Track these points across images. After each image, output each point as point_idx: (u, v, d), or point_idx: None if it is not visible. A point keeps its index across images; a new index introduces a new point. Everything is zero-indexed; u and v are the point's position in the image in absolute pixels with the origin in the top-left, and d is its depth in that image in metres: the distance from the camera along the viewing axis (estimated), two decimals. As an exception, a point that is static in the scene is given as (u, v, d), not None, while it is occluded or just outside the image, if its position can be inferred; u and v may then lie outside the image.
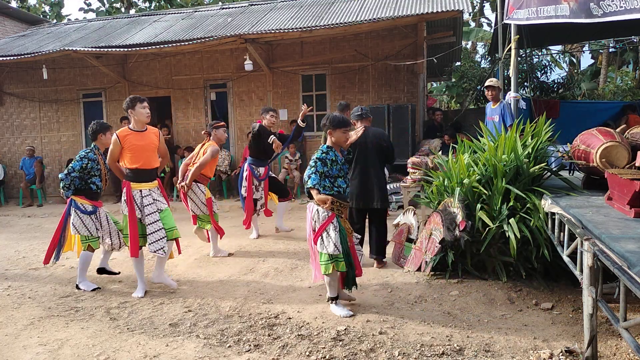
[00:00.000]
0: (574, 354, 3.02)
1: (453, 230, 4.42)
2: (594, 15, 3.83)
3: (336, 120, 3.87)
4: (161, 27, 11.67)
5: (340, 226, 3.79)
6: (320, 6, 11.12)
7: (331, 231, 3.72)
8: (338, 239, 3.71)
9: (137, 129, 4.46)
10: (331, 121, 3.87)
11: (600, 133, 3.80)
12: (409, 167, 6.57)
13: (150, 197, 4.44)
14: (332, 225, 3.74)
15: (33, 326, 3.82)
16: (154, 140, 4.54)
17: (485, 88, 6.55)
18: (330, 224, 3.74)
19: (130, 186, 4.40)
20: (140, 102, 4.40)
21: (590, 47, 17.07)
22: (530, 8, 5.01)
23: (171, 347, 3.35)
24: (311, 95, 10.83)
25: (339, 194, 3.83)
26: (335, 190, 3.82)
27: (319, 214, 3.79)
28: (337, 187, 3.83)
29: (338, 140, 3.90)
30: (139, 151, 4.40)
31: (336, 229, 3.73)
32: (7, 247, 6.85)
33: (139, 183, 4.42)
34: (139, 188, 4.42)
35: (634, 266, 2.13)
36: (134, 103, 4.38)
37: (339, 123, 3.87)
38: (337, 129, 3.87)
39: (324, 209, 3.74)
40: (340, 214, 3.87)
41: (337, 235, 3.71)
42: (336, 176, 3.84)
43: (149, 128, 4.55)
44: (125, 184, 4.42)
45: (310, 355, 3.15)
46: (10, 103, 12.34)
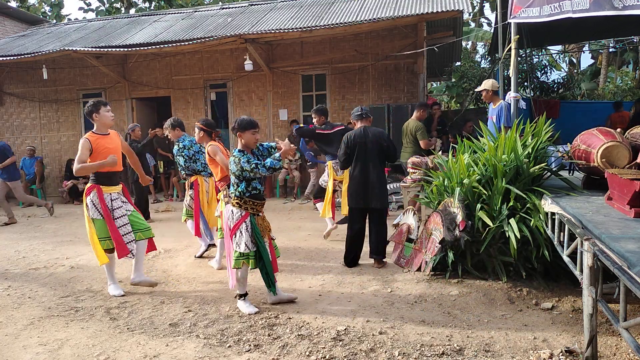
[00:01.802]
0: (574, 354, 3.02)
1: (453, 230, 4.42)
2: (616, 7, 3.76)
3: (244, 123, 3.98)
4: (161, 27, 11.68)
5: (254, 225, 3.94)
6: (320, 6, 11.13)
7: (243, 230, 3.91)
8: (249, 238, 3.90)
9: (102, 132, 4.48)
10: (239, 124, 3.98)
11: (601, 133, 3.80)
12: (409, 167, 6.57)
13: (119, 200, 4.50)
14: (245, 225, 3.92)
15: (33, 326, 3.82)
16: (119, 144, 4.61)
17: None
18: (243, 223, 3.92)
19: (102, 189, 4.41)
20: (104, 106, 4.45)
21: (590, 47, 17.07)
22: (545, 5, 4.90)
23: (171, 347, 3.35)
24: (311, 95, 10.83)
25: (254, 195, 3.98)
26: (251, 192, 3.96)
27: (233, 214, 3.96)
28: (252, 189, 3.97)
29: (248, 142, 4.01)
30: (108, 154, 4.40)
31: (248, 228, 3.91)
32: (7, 247, 6.85)
33: (108, 186, 4.46)
34: (109, 192, 4.46)
35: (634, 266, 2.13)
36: (98, 107, 4.42)
37: (247, 125, 3.98)
38: (245, 131, 3.98)
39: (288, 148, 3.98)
40: (257, 212, 4.02)
41: (248, 234, 3.90)
42: (251, 179, 3.96)
43: (111, 131, 4.58)
44: (94, 187, 4.39)
45: (310, 355, 3.15)
46: (10, 103, 12.34)
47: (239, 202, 3.96)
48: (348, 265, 5.07)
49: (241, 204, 3.96)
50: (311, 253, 5.70)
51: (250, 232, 3.92)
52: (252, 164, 3.82)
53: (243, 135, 3.99)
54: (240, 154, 3.91)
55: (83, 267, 5.57)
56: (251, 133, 3.99)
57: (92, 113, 4.42)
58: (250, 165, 3.83)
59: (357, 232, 5.07)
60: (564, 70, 18.92)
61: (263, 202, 4.10)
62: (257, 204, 4.02)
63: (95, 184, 4.40)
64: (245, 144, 4.01)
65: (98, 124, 4.44)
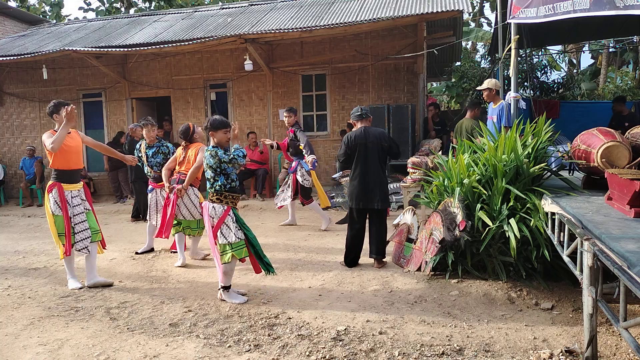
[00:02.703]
0: (574, 354, 3.02)
1: (453, 230, 4.42)
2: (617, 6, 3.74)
3: (216, 122, 4.14)
4: (161, 27, 11.67)
5: (237, 216, 4.12)
6: (320, 6, 11.12)
7: (230, 223, 4.05)
8: (237, 229, 4.05)
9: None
10: (212, 123, 4.13)
11: (601, 133, 3.80)
12: (409, 167, 6.57)
13: (78, 197, 4.65)
14: (230, 217, 4.07)
15: (33, 326, 3.82)
16: (79, 142, 4.75)
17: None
18: (228, 215, 4.07)
19: (62, 187, 4.55)
20: (64, 107, 4.59)
21: (590, 47, 17.07)
22: (543, 6, 4.89)
23: (171, 347, 3.35)
24: (311, 95, 10.83)
25: (232, 188, 4.13)
26: (231, 184, 4.12)
27: (215, 210, 4.08)
28: (232, 182, 4.12)
29: (220, 141, 4.14)
30: (70, 153, 4.57)
31: (234, 220, 4.07)
32: (7, 247, 6.85)
33: (68, 184, 4.59)
34: (70, 189, 4.59)
35: (634, 266, 2.13)
36: (58, 108, 4.61)
37: (220, 124, 4.13)
38: (218, 130, 4.13)
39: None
40: (234, 205, 4.18)
41: (235, 225, 4.05)
42: (229, 173, 4.11)
43: (72, 130, 4.71)
44: (55, 185, 4.55)
45: (310, 355, 3.15)
46: (10, 103, 12.34)
47: (219, 197, 4.09)
48: (348, 265, 5.07)
49: (222, 199, 4.09)
50: (311, 253, 5.70)
51: (236, 223, 4.07)
52: (230, 155, 4.00)
53: (215, 135, 4.14)
54: (217, 148, 4.07)
55: (83, 267, 5.56)
56: (223, 132, 4.14)
57: (52, 113, 4.63)
58: (228, 156, 4.00)
59: (357, 232, 5.07)
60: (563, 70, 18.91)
61: (239, 196, 4.29)
62: (235, 197, 4.18)
63: (57, 182, 4.56)
64: (217, 142, 4.15)
65: (58, 124, 4.61)
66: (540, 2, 4.90)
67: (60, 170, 4.57)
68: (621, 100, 8.97)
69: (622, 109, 8.75)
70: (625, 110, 8.76)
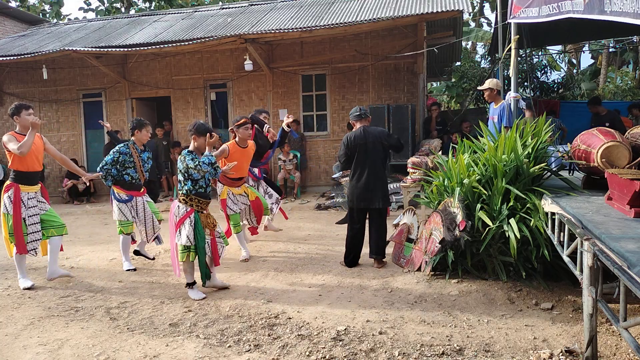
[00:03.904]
0: (574, 354, 3.02)
1: (453, 230, 4.42)
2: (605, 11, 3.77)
3: (202, 128, 4.32)
4: (161, 27, 11.67)
5: (197, 221, 4.24)
6: (320, 6, 11.12)
7: (187, 225, 4.21)
8: (191, 232, 4.19)
9: (23, 133, 4.67)
10: (197, 128, 4.32)
11: (601, 133, 3.80)
12: (409, 167, 6.57)
13: (35, 199, 4.75)
14: (189, 220, 4.23)
15: (33, 326, 3.82)
16: (41, 146, 4.82)
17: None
18: (188, 218, 4.23)
19: (19, 188, 4.63)
20: (25, 109, 4.71)
21: (590, 47, 17.07)
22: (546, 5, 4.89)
23: (171, 347, 3.35)
24: (311, 95, 10.83)
25: (199, 193, 4.30)
26: (197, 190, 4.28)
27: (179, 209, 4.29)
28: (199, 188, 4.29)
29: (200, 146, 4.34)
30: (30, 155, 4.62)
31: (191, 223, 4.22)
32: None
33: (26, 186, 4.68)
34: (27, 191, 4.68)
35: (634, 266, 2.13)
36: (19, 110, 4.70)
37: (204, 130, 4.32)
38: (201, 135, 4.31)
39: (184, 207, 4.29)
40: (201, 210, 4.34)
41: (191, 228, 4.20)
42: (198, 179, 4.27)
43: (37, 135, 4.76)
44: (12, 185, 4.62)
45: (310, 355, 3.15)
46: (10, 103, 12.24)
47: (185, 199, 4.28)
48: (348, 265, 5.07)
49: (187, 201, 4.27)
50: (311, 253, 5.70)
51: (193, 227, 4.21)
52: (195, 162, 4.17)
53: (197, 139, 4.32)
54: (188, 154, 4.22)
55: (83, 267, 5.58)
56: (204, 139, 4.31)
57: (13, 115, 4.71)
58: (194, 162, 4.14)
59: (357, 232, 5.07)
60: (563, 70, 18.91)
61: (208, 201, 4.41)
62: (202, 202, 4.33)
63: (15, 183, 4.64)
64: (197, 147, 4.32)
65: (19, 126, 4.72)
66: (543, 1, 4.89)
67: (19, 171, 4.65)
68: (595, 101, 8.91)
69: (599, 110, 8.70)
70: (603, 110, 8.70)
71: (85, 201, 11.15)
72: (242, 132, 5.44)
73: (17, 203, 4.61)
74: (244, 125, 5.43)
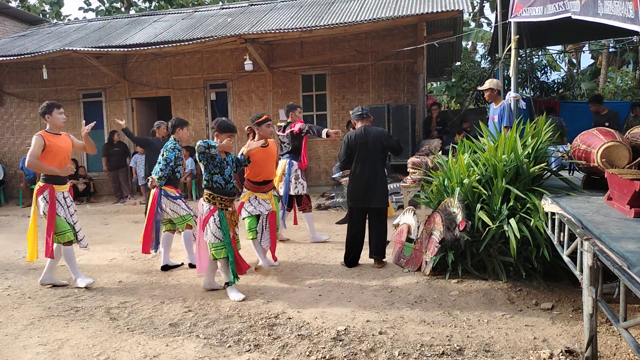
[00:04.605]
0: (574, 354, 3.02)
1: (453, 230, 4.42)
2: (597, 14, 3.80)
3: (223, 125, 4.29)
4: (161, 27, 11.68)
5: (222, 219, 4.21)
6: (320, 6, 11.13)
7: (211, 223, 4.20)
8: (217, 230, 4.18)
9: (55, 132, 4.69)
10: (219, 125, 4.29)
11: (601, 133, 3.80)
12: (409, 167, 6.57)
13: (69, 198, 4.76)
14: (213, 218, 4.21)
15: (33, 326, 3.82)
16: (69, 145, 4.82)
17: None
18: (212, 216, 4.21)
19: (54, 188, 4.61)
20: (57, 108, 4.69)
21: (590, 47, 17.07)
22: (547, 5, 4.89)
23: (171, 347, 3.35)
24: (311, 95, 10.83)
25: (216, 189, 4.24)
26: (213, 185, 4.24)
27: (203, 208, 4.28)
28: (214, 183, 4.24)
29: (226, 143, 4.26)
30: (59, 153, 4.63)
31: (215, 221, 4.19)
32: (7, 247, 6.85)
33: (59, 185, 4.67)
34: (60, 190, 4.67)
35: (634, 266, 2.13)
36: (51, 109, 4.67)
37: (225, 127, 4.28)
38: (223, 132, 4.27)
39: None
40: (225, 207, 4.28)
41: (215, 226, 4.19)
42: (213, 173, 4.23)
43: (63, 133, 4.80)
44: (47, 187, 4.59)
45: (310, 355, 3.15)
46: (10, 103, 12.34)
47: (208, 197, 4.26)
48: (348, 265, 5.06)
49: (209, 199, 4.25)
50: (311, 253, 5.70)
51: (218, 225, 4.20)
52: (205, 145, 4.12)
53: (220, 137, 4.28)
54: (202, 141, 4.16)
55: (83, 267, 5.57)
56: (227, 136, 4.26)
57: (45, 114, 4.66)
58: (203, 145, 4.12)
59: (357, 232, 5.07)
60: (563, 70, 18.91)
61: (231, 198, 4.34)
62: (224, 200, 4.27)
63: (48, 183, 4.61)
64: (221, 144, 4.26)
65: (50, 125, 4.68)
66: (545, 0, 4.89)
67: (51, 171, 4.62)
68: (597, 100, 8.78)
69: (599, 109, 8.58)
70: (603, 109, 8.58)
71: (85, 201, 11.16)
72: (264, 130, 4.87)
73: (53, 204, 4.56)
74: (265, 122, 4.91)
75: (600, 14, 3.67)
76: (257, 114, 5.04)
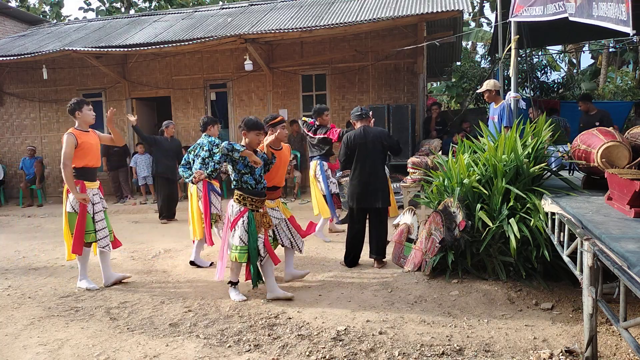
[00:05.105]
0: (574, 354, 3.02)
1: (453, 230, 4.42)
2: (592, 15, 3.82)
3: (249, 123, 4.16)
4: (161, 27, 11.67)
5: (251, 221, 4.08)
6: (320, 6, 11.12)
7: (240, 225, 4.08)
8: (244, 234, 4.05)
9: (84, 129, 4.66)
10: (245, 123, 4.17)
11: (601, 133, 3.80)
12: (409, 167, 6.57)
13: (97, 196, 4.70)
14: (242, 220, 4.09)
15: (33, 326, 3.82)
16: (98, 141, 4.81)
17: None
18: (241, 218, 4.09)
19: (85, 185, 4.57)
20: (86, 105, 4.67)
21: (590, 47, 17.07)
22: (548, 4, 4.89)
23: (171, 347, 3.35)
24: (311, 95, 10.83)
25: (246, 189, 4.11)
26: (243, 186, 4.12)
27: (232, 209, 4.16)
28: (244, 183, 4.11)
29: (251, 142, 4.16)
30: (90, 150, 4.61)
31: (244, 224, 4.07)
32: (7, 247, 6.85)
33: (89, 182, 4.63)
34: (91, 187, 4.63)
35: (634, 266, 2.13)
36: (80, 105, 4.64)
37: (252, 126, 4.15)
38: (250, 131, 4.15)
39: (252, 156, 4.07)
40: (256, 208, 4.15)
41: (243, 229, 4.06)
42: (243, 173, 4.11)
43: (90, 129, 4.77)
44: (78, 183, 4.54)
45: (310, 355, 3.15)
46: (10, 103, 12.34)
47: (238, 198, 4.13)
48: (348, 265, 5.06)
49: (240, 200, 4.12)
50: (311, 253, 5.70)
51: (246, 228, 4.06)
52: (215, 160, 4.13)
53: (247, 135, 4.16)
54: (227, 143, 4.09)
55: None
56: (255, 134, 4.15)
57: (74, 111, 4.64)
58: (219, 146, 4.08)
59: (357, 232, 5.07)
60: (563, 70, 18.92)
61: (262, 199, 4.21)
62: (255, 200, 4.14)
63: (79, 180, 4.56)
64: (249, 143, 4.17)
65: (80, 122, 4.65)
66: (546, 0, 4.89)
67: (82, 167, 4.56)
68: (586, 98, 8.64)
69: (589, 108, 8.42)
70: (593, 109, 8.43)
71: (85, 201, 11.14)
72: (281, 132, 4.51)
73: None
74: (280, 123, 4.58)
75: (595, 16, 3.70)
76: (272, 115, 4.74)
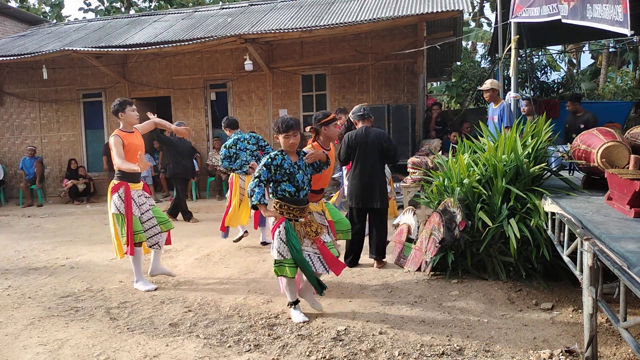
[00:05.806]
0: (574, 354, 3.02)
1: (453, 230, 4.42)
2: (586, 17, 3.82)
3: (277, 125, 3.70)
4: (161, 27, 11.68)
5: (288, 230, 3.64)
6: (320, 6, 11.13)
7: (276, 237, 3.66)
8: (282, 246, 3.63)
9: (128, 130, 4.65)
10: (275, 125, 3.73)
11: (601, 133, 3.80)
12: (409, 167, 6.57)
13: (143, 196, 4.68)
14: (278, 230, 3.66)
15: (33, 326, 3.82)
16: (142, 141, 4.79)
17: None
18: (277, 229, 3.67)
19: (129, 186, 4.54)
20: (129, 105, 4.67)
21: (590, 47, 17.08)
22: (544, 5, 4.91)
23: (171, 347, 3.35)
24: (311, 95, 10.83)
25: (284, 197, 3.69)
26: (280, 194, 3.69)
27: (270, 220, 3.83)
28: (281, 192, 3.68)
29: (284, 146, 3.73)
30: (135, 151, 4.56)
31: (280, 234, 3.64)
32: (7, 247, 6.85)
33: (133, 183, 4.59)
34: (135, 189, 4.60)
35: (634, 266, 2.13)
36: (124, 106, 4.64)
37: (279, 128, 3.68)
38: (278, 134, 3.71)
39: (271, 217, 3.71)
40: (295, 217, 3.71)
41: (281, 241, 3.63)
42: (279, 181, 3.67)
43: (134, 129, 4.76)
44: (122, 184, 4.51)
45: (310, 355, 3.15)
46: (10, 103, 12.34)
47: (275, 205, 3.73)
48: (348, 265, 5.06)
49: (277, 208, 3.71)
50: (311, 253, 5.69)
51: (285, 239, 3.62)
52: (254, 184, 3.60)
53: (278, 138, 3.74)
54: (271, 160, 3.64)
55: (83, 267, 5.58)
56: (283, 137, 3.68)
57: (117, 112, 4.62)
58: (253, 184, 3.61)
59: (357, 232, 5.06)
60: (563, 70, 18.92)
61: (302, 207, 3.75)
62: (293, 209, 3.69)
63: (123, 181, 4.53)
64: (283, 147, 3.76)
65: (124, 123, 4.64)
66: (544, 1, 4.91)
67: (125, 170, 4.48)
68: (576, 99, 8.50)
69: (577, 109, 8.29)
70: (581, 110, 8.28)
71: (85, 201, 11.16)
72: (332, 131, 4.25)
73: (129, 201, 4.48)
74: (332, 121, 4.25)
75: (589, 18, 3.70)
76: (323, 112, 4.35)
